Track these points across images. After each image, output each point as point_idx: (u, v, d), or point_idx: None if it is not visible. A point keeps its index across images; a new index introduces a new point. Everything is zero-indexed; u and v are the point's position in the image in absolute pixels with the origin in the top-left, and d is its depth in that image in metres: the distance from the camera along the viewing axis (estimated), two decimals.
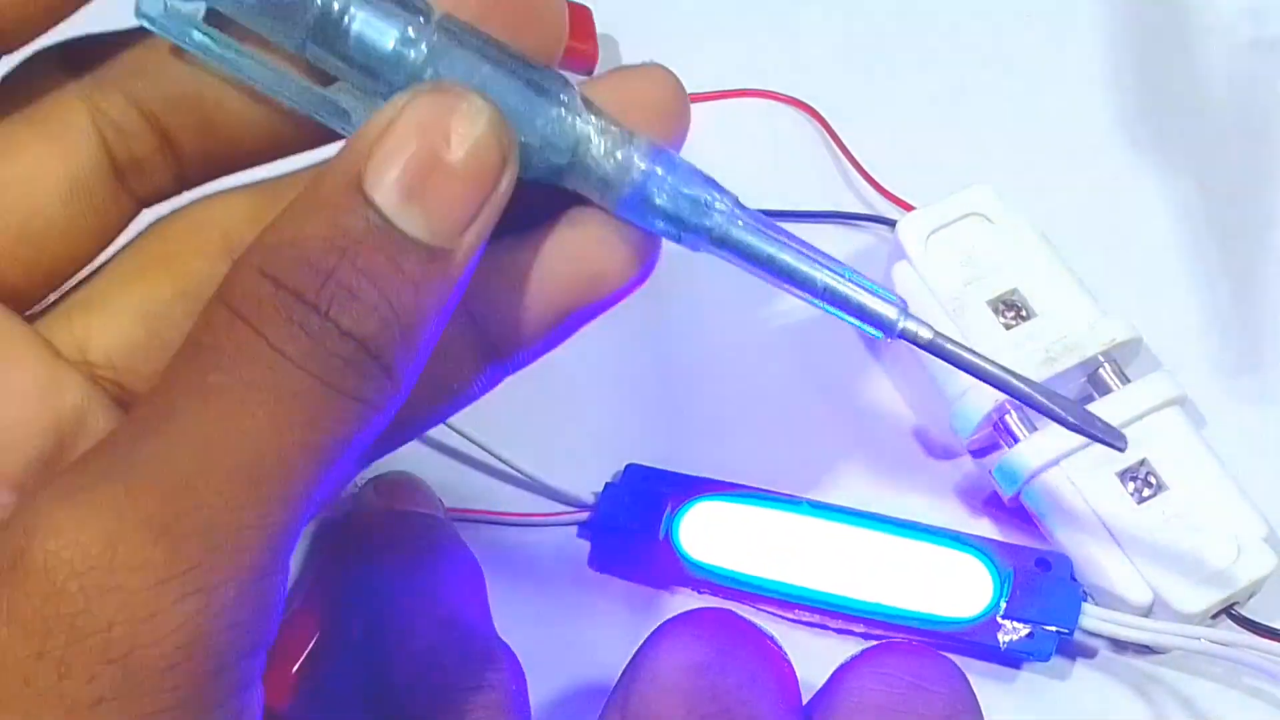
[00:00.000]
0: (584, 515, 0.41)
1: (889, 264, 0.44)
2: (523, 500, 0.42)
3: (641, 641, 0.32)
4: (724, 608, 0.34)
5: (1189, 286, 0.46)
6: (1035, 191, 0.46)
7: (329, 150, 0.26)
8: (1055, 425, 0.40)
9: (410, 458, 0.30)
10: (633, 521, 0.40)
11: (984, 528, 0.42)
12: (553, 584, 0.41)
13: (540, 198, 0.27)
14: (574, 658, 0.39)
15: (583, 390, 0.44)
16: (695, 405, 0.44)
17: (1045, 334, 0.42)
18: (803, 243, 0.28)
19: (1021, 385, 0.30)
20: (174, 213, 0.29)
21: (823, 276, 0.28)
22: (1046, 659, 0.39)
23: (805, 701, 0.33)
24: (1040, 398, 0.31)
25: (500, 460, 0.41)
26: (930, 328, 0.29)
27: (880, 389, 0.44)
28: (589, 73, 0.48)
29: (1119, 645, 0.40)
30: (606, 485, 0.41)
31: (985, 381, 0.30)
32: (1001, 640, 0.38)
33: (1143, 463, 0.40)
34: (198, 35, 0.26)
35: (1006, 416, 0.41)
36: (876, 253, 0.46)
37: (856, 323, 0.28)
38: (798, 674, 0.32)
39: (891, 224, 0.45)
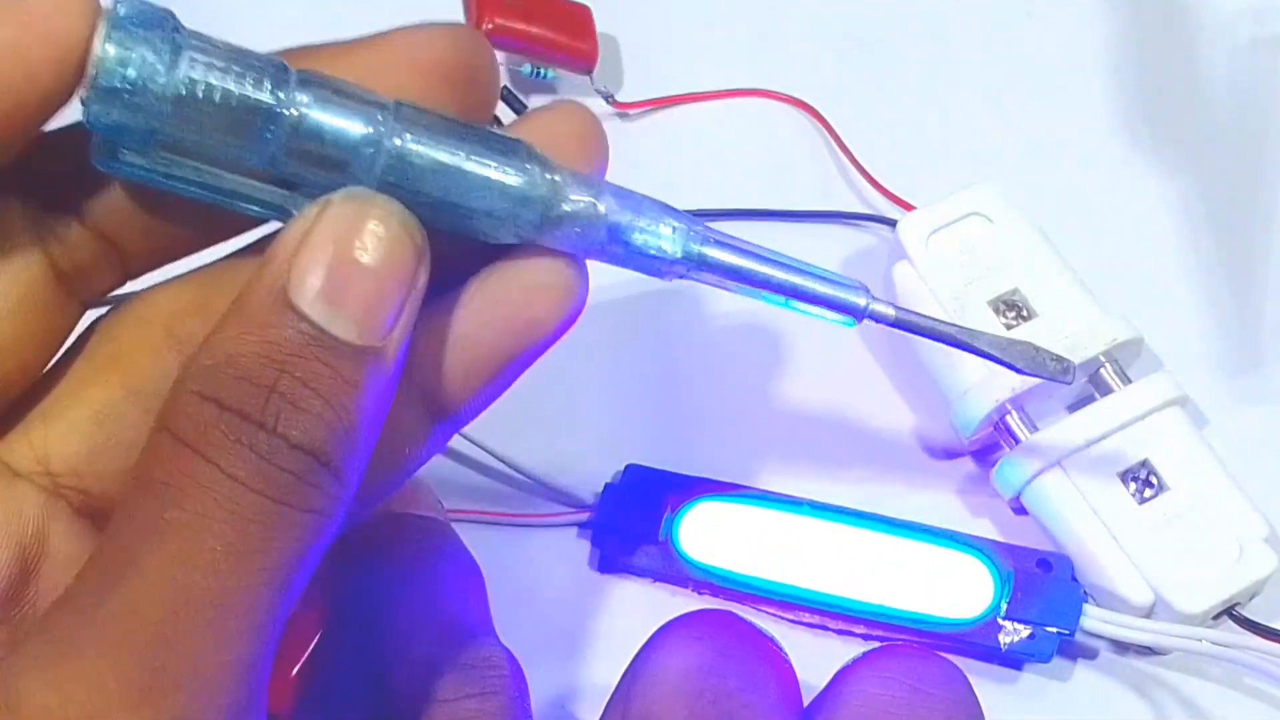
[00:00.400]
0: (584, 516, 0.41)
1: (889, 264, 0.44)
2: (523, 501, 0.42)
3: (642, 643, 0.32)
4: (725, 609, 0.33)
5: (1190, 286, 0.46)
6: (1036, 191, 0.46)
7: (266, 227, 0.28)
8: (1057, 426, 0.40)
9: None
10: (633, 522, 0.40)
11: (985, 528, 0.42)
12: (553, 585, 0.41)
13: (462, 257, 0.28)
14: (574, 659, 0.40)
15: (583, 391, 0.44)
16: (695, 405, 0.44)
17: (1046, 334, 0.42)
18: (762, 248, 0.29)
19: (972, 341, 0.33)
20: (116, 309, 0.29)
21: (791, 278, 0.30)
22: (1047, 660, 0.39)
23: (806, 703, 0.33)
24: (990, 350, 0.33)
25: (500, 461, 0.41)
26: (893, 306, 0.30)
27: (880, 389, 0.44)
28: (589, 73, 0.48)
29: (1120, 646, 0.40)
30: (606, 486, 0.41)
31: (947, 344, 0.33)
32: (1002, 641, 0.38)
33: (1144, 463, 0.40)
34: (159, 171, 0.26)
35: (1007, 417, 0.41)
36: (877, 252, 0.46)
37: (828, 314, 0.30)
38: (798, 675, 0.32)
39: (892, 224, 0.45)
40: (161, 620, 0.23)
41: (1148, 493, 0.40)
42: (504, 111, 0.46)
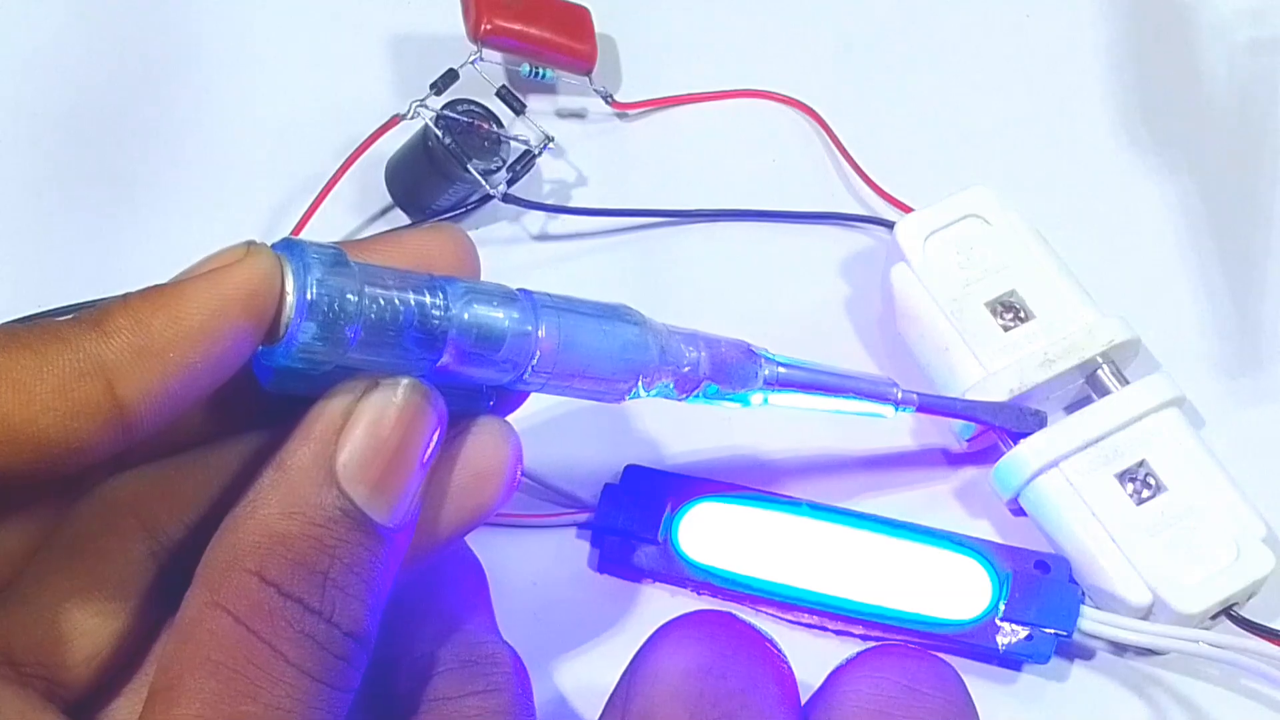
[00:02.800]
0: (584, 516, 0.41)
1: (887, 265, 0.44)
2: (523, 501, 0.42)
3: (641, 643, 0.32)
4: (724, 610, 0.34)
5: (1188, 287, 0.46)
6: (1034, 193, 0.46)
7: None
8: (1055, 427, 0.40)
9: None
10: (632, 523, 0.40)
11: (983, 529, 0.42)
12: (553, 585, 0.41)
13: None
14: (573, 659, 0.40)
15: None
16: (694, 406, 0.44)
17: (1044, 335, 0.42)
18: (818, 367, 0.36)
19: (973, 412, 0.40)
20: (82, 496, 0.29)
21: (854, 384, 0.36)
22: (1045, 661, 0.39)
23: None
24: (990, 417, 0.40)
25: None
26: (915, 392, 0.38)
27: None
28: (587, 73, 0.48)
29: (1118, 647, 0.40)
30: (606, 486, 0.41)
31: (956, 417, 0.40)
32: (1000, 642, 0.38)
33: (1141, 464, 0.40)
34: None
35: None
36: (875, 254, 0.46)
37: (876, 408, 0.37)
38: (797, 675, 0.32)
39: (890, 225, 0.45)
40: None
41: (1145, 493, 0.40)
42: (503, 111, 0.46)
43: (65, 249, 0.46)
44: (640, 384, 0.32)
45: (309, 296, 0.26)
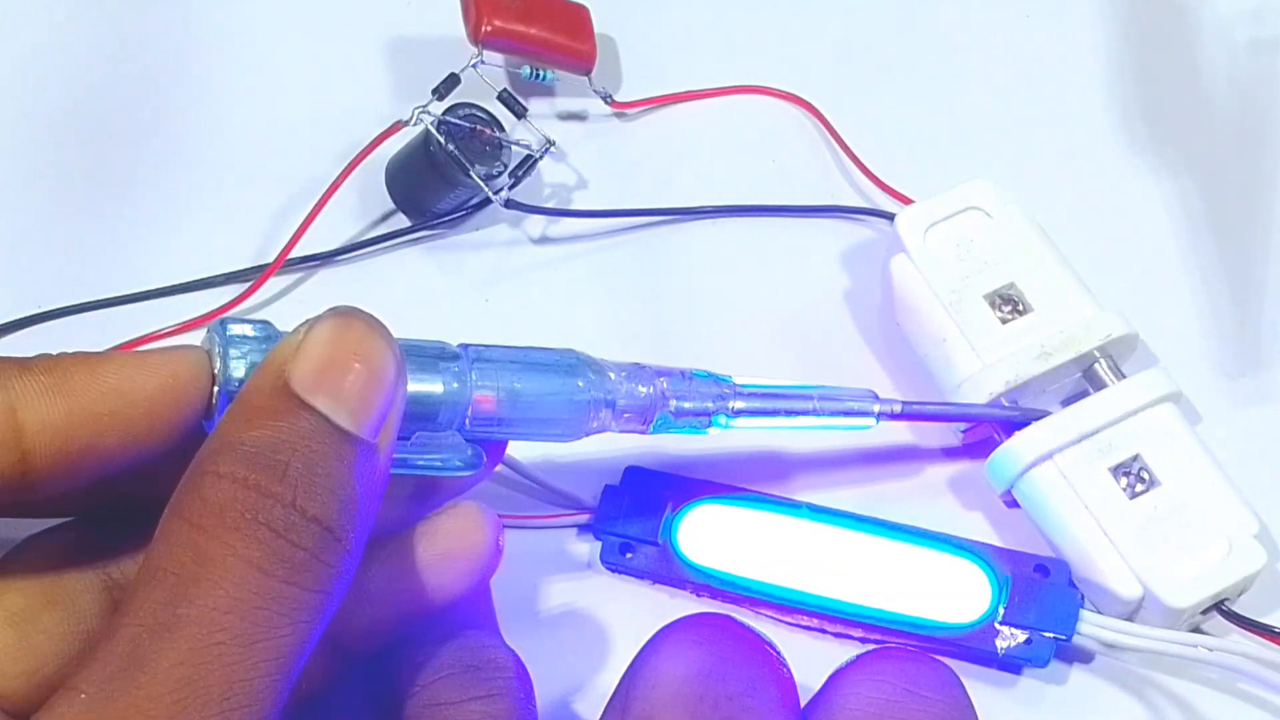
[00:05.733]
0: (584, 518, 0.41)
1: (886, 257, 0.44)
2: (523, 503, 0.42)
3: (640, 646, 0.32)
4: (723, 612, 0.34)
5: (1186, 284, 0.46)
6: (1034, 187, 0.46)
7: None
8: (1050, 420, 0.41)
9: None
10: (632, 524, 0.40)
11: (977, 521, 0.42)
12: (553, 586, 0.41)
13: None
14: (572, 661, 0.40)
15: None
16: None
17: (1041, 328, 0.42)
18: (787, 388, 0.37)
19: (966, 412, 0.41)
20: (48, 533, 0.29)
21: (815, 404, 0.38)
22: (1044, 665, 0.39)
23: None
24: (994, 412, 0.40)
25: (501, 463, 0.41)
26: (898, 401, 0.39)
27: (877, 383, 0.44)
28: (587, 73, 0.48)
29: (1117, 650, 0.40)
30: (606, 487, 0.41)
31: (951, 420, 0.42)
32: (999, 646, 0.38)
33: (1135, 458, 0.40)
34: None
35: None
36: (874, 246, 0.46)
37: (847, 422, 0.38)
38: (796, 678, 0.33)
39: (890, 218, 0.45)
40: (170, 718, 0.24)
41: (1139, 488, 0.40)
42: (504, 115, 0.46)
43: (65, 253, 0.46)
44: (596, 423, 0.34)
45: (237, 374, 0.28)
